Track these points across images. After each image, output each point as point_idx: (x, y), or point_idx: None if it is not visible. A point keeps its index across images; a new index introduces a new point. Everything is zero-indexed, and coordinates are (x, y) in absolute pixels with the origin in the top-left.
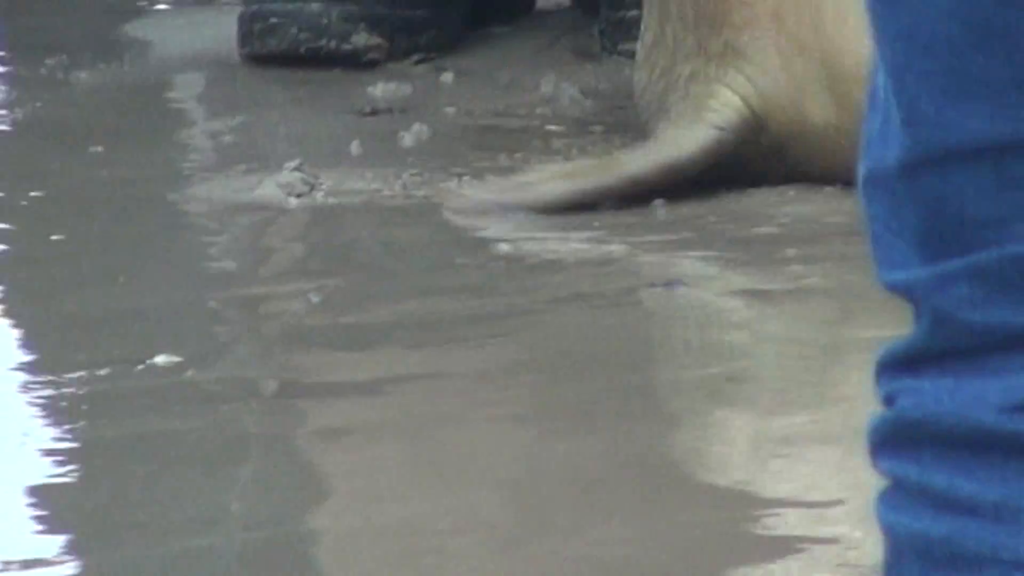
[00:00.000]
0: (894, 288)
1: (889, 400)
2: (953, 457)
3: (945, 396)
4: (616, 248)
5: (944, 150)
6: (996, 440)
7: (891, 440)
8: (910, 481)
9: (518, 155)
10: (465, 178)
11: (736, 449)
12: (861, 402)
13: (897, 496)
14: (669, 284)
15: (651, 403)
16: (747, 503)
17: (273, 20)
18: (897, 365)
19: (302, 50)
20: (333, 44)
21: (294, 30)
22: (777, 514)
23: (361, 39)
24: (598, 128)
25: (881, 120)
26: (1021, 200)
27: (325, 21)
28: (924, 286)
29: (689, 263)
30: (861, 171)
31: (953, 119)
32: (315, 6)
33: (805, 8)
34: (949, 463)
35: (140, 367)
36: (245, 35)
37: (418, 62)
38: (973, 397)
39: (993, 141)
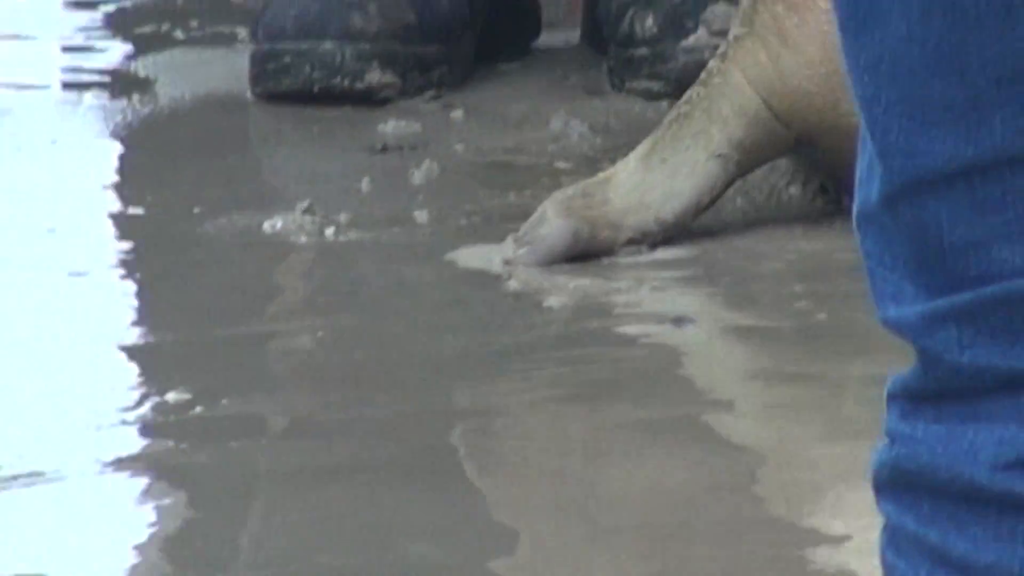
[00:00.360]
0: (890, 325)
1: (891, 438)
2: (949, 511)
3: (939, 447)
4: (623, 284)
5: (917, 178)
6: (990, 498)
7: (891, 484)
8: (908, 529)
9: (527, 192)
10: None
11: (753, 482)
12: (873, 437)
13: (897, 539)
14: (678, 321)
15: (661, 438)
16: (774, 536)
17: (287, 59)
18: (899, 399)
19: (316, 88)
20: (347, 82)
21: (308, 68)
22: (819, 549)
23: (374, 77)
24: (607, 165)
25: (867, 157)
26: (996, 222)
27: (338, 60)
28: (913, 326)
29: (697, 300)
30: (854, 209)
31: (922, 146)
32: (328, 45)
33: None
34: (944, 517)
35: (151, 403)
36: (259, 74)
37: (431, 99)
38: (965, 451)
39: (962, 164)
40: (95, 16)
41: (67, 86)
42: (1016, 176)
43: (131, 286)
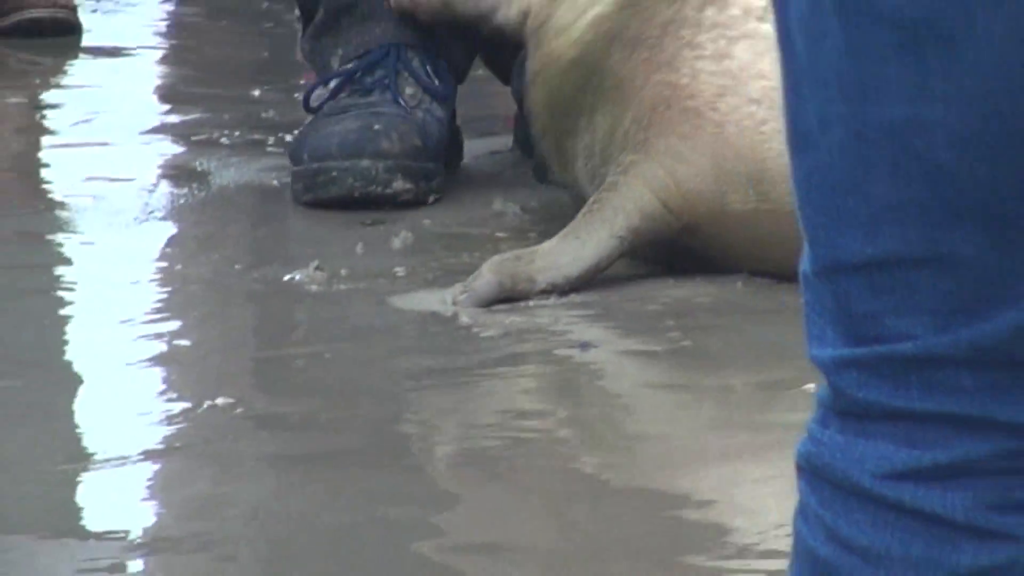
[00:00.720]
0: (812, 359)
1: (809, 435)
2: (841, 500)
3: (838, 453)
4: (543, 320)
5: (835, 265)
6: (869, 497)
7: (804, 469)
8: (813, 506)
9: (476, 254)
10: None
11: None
12: (724, 429)
13: (805, 511)
14: (584, 346)
15: (574, 430)
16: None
17: (334, 173)
18: (820, 407)
19: (356, 195)
20: (379, 190)
21: (350, 180)
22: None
23: (399, 185)
24: (533, 235)
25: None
26: (887, 302)
27: (374, 173)
28: (827, 365)
29: (597, 330)
30: (800, 271)
31: (837, 243)
32: (365, 162)
33: (747, 120)
34: (838, 504)
35: (206, 404)
36: (309, 186)
37: (434, 201)
38: (855, 459)
39: (863, 260)
40: (165, 122)
41: (145, 177)
42: (902, 272)
43: (192, 323)
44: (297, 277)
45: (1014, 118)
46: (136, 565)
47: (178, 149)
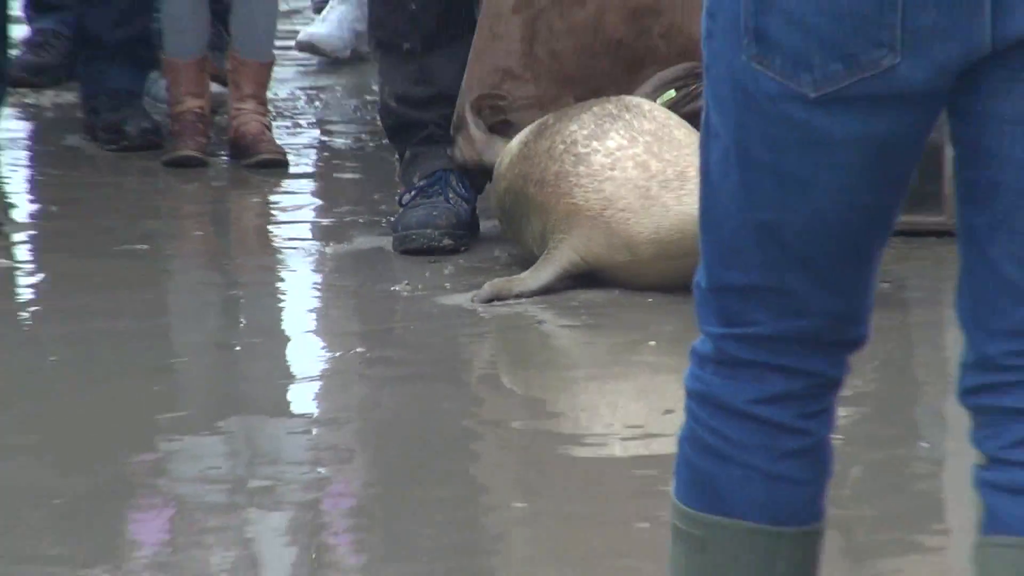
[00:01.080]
0: (704, 333)
1: (692, 373)
2: (721, 414)
3: (716, 387)
4: (517, 310)
5: (722, 285)
6: (739, 412)
7: (693, 395)
8: (701, 417)
9: (482, 278)
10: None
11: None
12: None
13: (693, 420)
14: (541, 322)
15: (566, 384)
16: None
17: (414, 236)
18: (696, 354)
19: (425, 248)
20: (437, 244)
21: (422, 240)
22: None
23: (447, 242)
24: (516, 268)
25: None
26: (750, 306)
27: (434, 236)
28: (713, 336)
29: (546, 315)
30: (694, 282)
31: (725, 274)
32: (429, 231)
33: (619, 218)
34: (718, 417)
35: (348, 352)
36: (401, 242)
37: (464, 250)
38: (729, 391)
39: (740, 285)
40: (339, 218)
41: (320, 241)
42: (759, 293)
43: (349, 310)
44: (396, 288)
45: (829, 224)
46: (305, 440)
47: (338, 223)
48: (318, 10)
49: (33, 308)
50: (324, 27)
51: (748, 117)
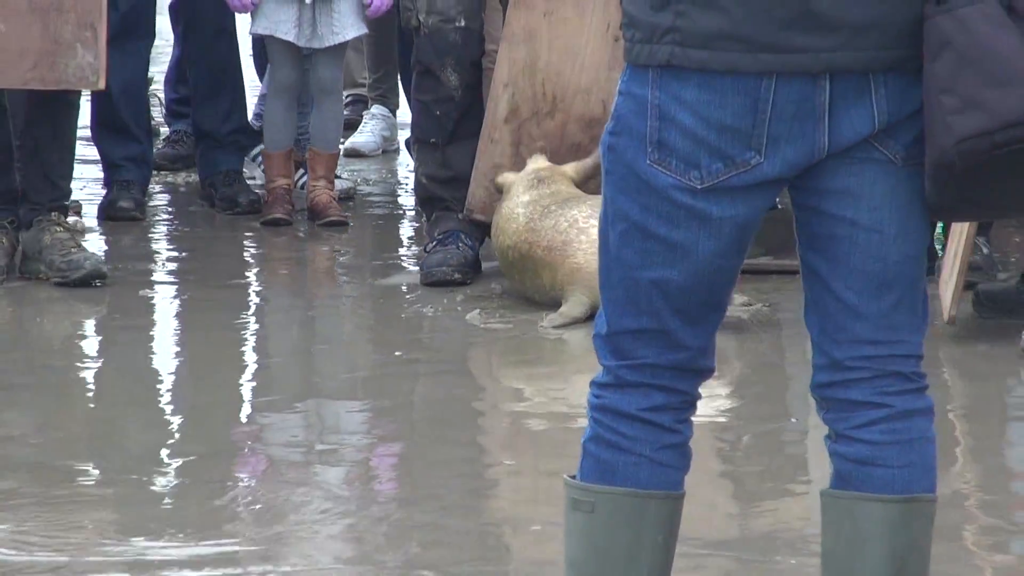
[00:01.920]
0: (604, 366)
1: (594, 393)
2: (619, 421)
3: (613, 401)
4: (500, 324)
5: (618, 329)
6: (630, 417)
7: (595, 407)
8: (603, 423)
9: (486, 303)
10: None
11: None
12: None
13: (596, 427)
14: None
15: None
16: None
17: (435, 273)
18: (596, 383)
19: (444, 281)
20: (451, 279)
21: (441, 276)
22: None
23: (458, 277)
24: (509, 300)
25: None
26: (639, 344)
27: (450, 273)
28: (610, 368)
29: (530, 330)
30: (595, 332)
31: (620, 320)
32: (445, 269)
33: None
34: (618, 422)
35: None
36: (426, 278)
37: (471, 283)
38: (623, 403)
39: (632, 329)
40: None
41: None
42: (647, 335)
43: (391, 313)
44: (424, 309)
45: (701, 280)
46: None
47: (383, 264)
48: (353, 124)
49: (169, 324)
50: (362, 137)
51: (649, 201)
